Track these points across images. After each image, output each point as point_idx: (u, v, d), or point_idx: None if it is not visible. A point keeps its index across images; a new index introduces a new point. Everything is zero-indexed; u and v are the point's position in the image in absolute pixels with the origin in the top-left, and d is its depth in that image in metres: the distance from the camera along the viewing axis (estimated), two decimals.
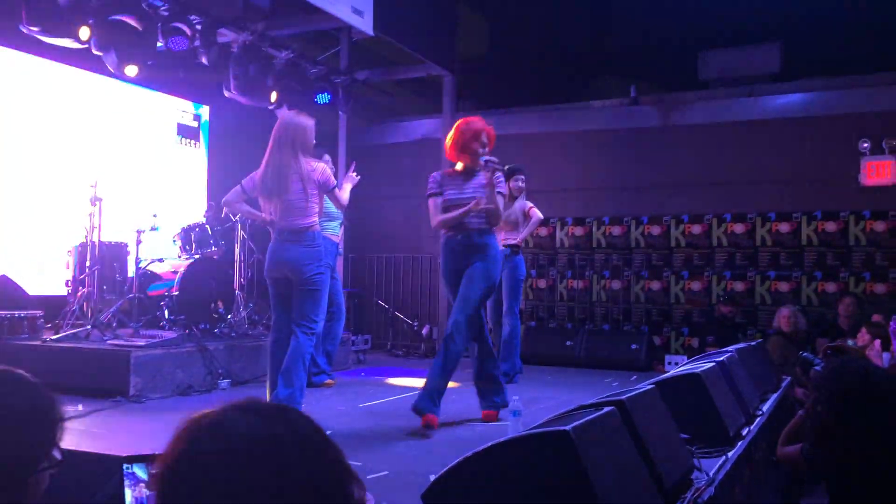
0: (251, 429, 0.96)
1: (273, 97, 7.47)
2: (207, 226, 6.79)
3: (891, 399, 2.43)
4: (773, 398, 4.58)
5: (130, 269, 6.46)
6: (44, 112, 7.11)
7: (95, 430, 4.15)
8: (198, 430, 0.97)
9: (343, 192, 4.68)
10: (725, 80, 9.06)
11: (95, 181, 6.26)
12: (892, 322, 4.51)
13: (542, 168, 9.22)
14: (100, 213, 6.16)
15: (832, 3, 9.54)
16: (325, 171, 4.46)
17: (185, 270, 6.35)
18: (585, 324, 8.93)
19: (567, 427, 1.87)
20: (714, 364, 3.62)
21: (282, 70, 7.56)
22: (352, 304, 8.97)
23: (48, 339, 5.61)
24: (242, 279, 7.03)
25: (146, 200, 7.62)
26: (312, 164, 4.40)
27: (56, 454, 1.32)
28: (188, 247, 6.72)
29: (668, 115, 8.93)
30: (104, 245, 6.28)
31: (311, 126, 4.48)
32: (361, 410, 5.01)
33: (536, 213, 6.65)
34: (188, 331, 6.10)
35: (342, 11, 7.17)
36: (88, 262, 6.10)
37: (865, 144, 7.91)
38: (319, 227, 4.52)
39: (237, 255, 7.06)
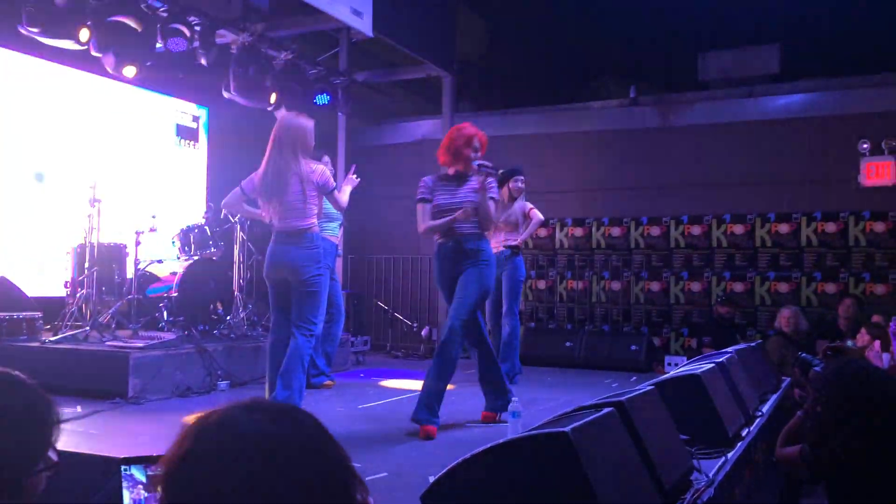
0: (257, 427, 0.96)
1: (272, 98, 7.47)
2: (206, 227, 6.78)
3: (890, 400, 2.43)
4: (773, 399, 4.58)
5: (129, 271, 6.45)
6: (43, 113, 7.10)
7: (94, 432, 4.15)
8: (204, 429, 0.97)
9: (342, 195, 4.67)
10: (725, 81, 9.06)
11: (94, 182, 6.26)
12: (892, 323, 4.51)
13: (542, 169, 9.22)
14: (99, 215, 6.16)
15: (831, 5, 9.54)
16: (325, 173, 4.45)
17: (184, 272, 6.35)
18: (585, 325, 8.93)
19: (566, 428, 1.87)
20: (714, 365, 3.62)
21: (281, 71, 7.57)
22: (351, 306, 8.96)
23: (47, 341, 5.60)
24: (241, 280, 7.02)
25: (145, 202, 7.61)
26: (312, 166, 4.39)
27: (52, 456, 1.31)
28: (187, 248, 6.72)
29: (668, 116, 8.93)
30: (103, 246, 6.27)
31: (311, 127, 4.46)
32: (360, 412, 5.01)
33: (537, 215, 6.64)
34: (187, 332, 6.09)
35: (341, 12, 7.17)
36: (87, 264, 6.09)
37: (865, 145, 7.92)
38: (318, 229, 4.51)
39: (236, 257, 7.06)
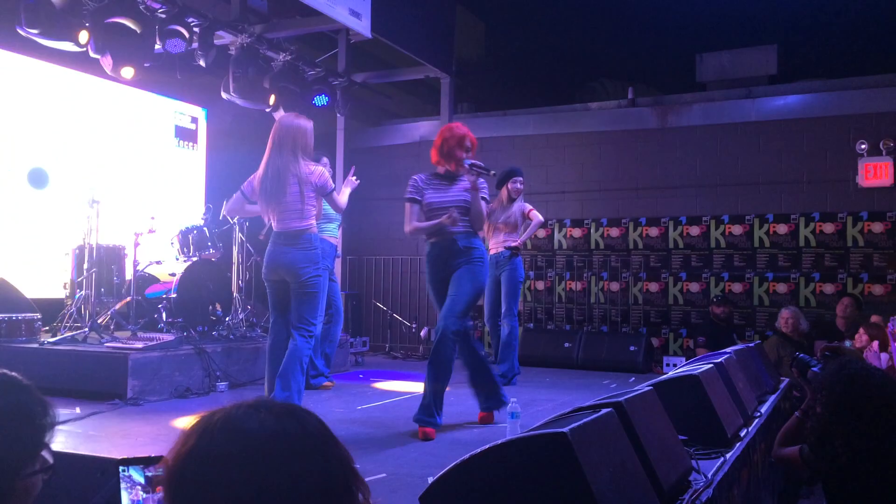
0: (261, 426, 0.97)
1: (271, 100, 7.47)
2: (205, 228, 6.78)
3: (890, 400, 2.43)
4: (772, 400, 4.58)
5: (128, 272, 6.45)
6: (42, 114, 7.09)
7: (93, 433, 4.14)
8: (209, 426, 0.98)
9: (342, 196, 4.67)
10: (723, 82, 9.08)
11: (94, 184, 6.25)
12: (891, 323, 4.51)
13: (540, 170, 9.24)
14: (98, 216, 6.15)
15: (828, 6, 9.56)
16: (323, 175, 4.45)
17: (183, 273, 6.35)
18: (583, 325, 8.93)
19: (565, 429, 1.87)
20: (712, 366, 3.62)
21: (280, 72, 7.57)
22: (350, 306, 8.96)
23: (46, 342, 5.60)
24: (240, 281, 7.02)
25: (144, 203, 7.62)
26: (311, 167, 4.39)
27: (47, 458, 1.28)
28: (186, 249, 6.71)
29: (666, 117, 8.94)
30: (102, 248, 6.27)
31: (311, 128, 4.46)
32: (359, 412, 5.01)
33: (537, 216, 6.65)
34: (186, 333, 6.10)
35: (340, 14, 7.17)
36: (86, 265, 6.09)
37: (863, 146, 7.93)
38: (317, 230, 4.51)
39: (235, 258, 7.06)
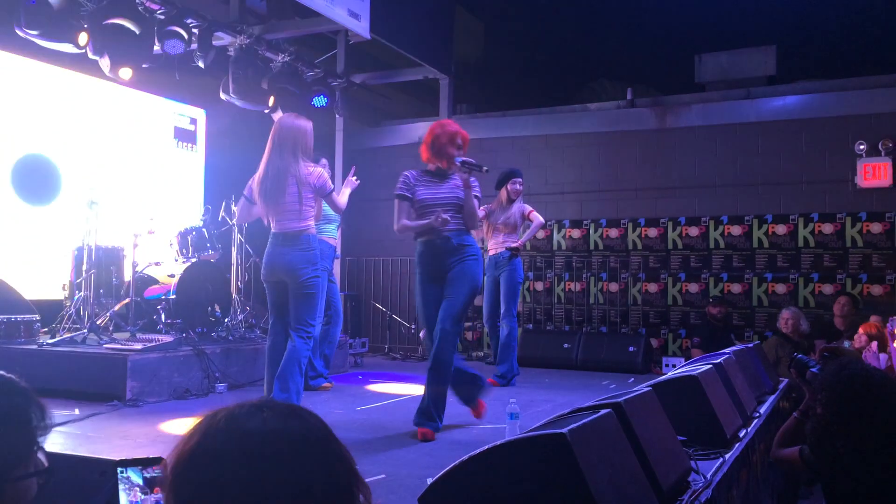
0: (264, 425, 0.98)
1: (270, 101, 7.47)
2: (204, 229, 6.78)
3: (891, 400, 2.43)
4: (771, 400, 4.58)
5: (127, 273, 6.45)
6: (41, 115, 7.09)
7: (92, 434, 4.14)
8: (212, 425, 0.98)
9: (341, 197, 4.67)
10: (722, 83, 9.09)
11: (92, 185, 6.25)
12: (890, 324, 4.51)
13: (539, 171, 9.24)
14: (97, 217, 6.15)
15: (827, 7, 9.58)
16: (322, 175, 4.44)
17: (182, 274, 6.35)
18: (583, 326, 8.93)
19: (564, 430, 1.87)
20: (711, 366, 3.62)
21: (279, 73, 7.57)
22: (349, 307, 8.96)
23: (45, 343, 5.60)
24: (239, 282, 7.02)
25: (143, 204, 7.61)
26: (309, 168, 4.39)
27: (42, 461, 1.25)
28: (185, 250, 6.71)
29: (665, 118, 8.95)
30: (101, 249, 6.27)
31: (311, 129, 4.45)
32: (359, 414, 5.01)
33: (538, 217, 6.65)
34: (185, 334, 6.09)
35: (339, 15, 7.17)
36: (85, 266, 6.09)
37: (862, 146, 7.93)
38: (315, 231, 4.51)
39: (234, 259, 7.06)
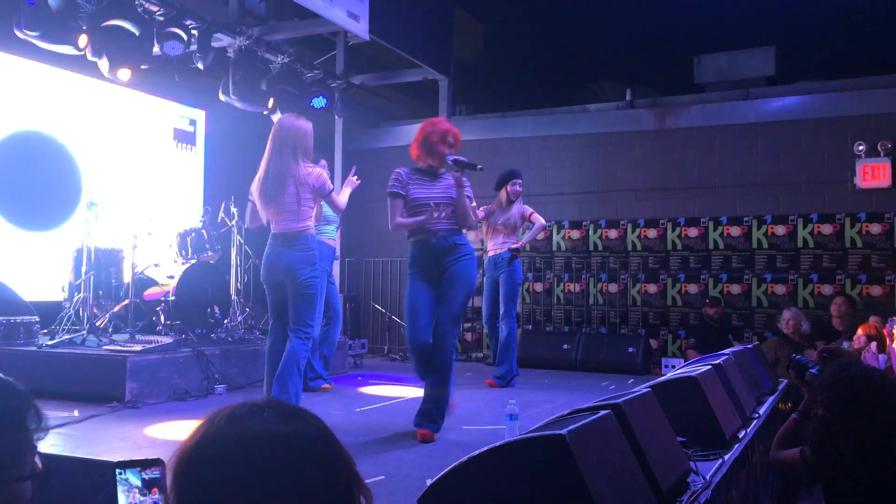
0: (264, 425, 0.98)
1: (270, 102, 7.47)
2: (204, 230, 6.78)
3: (891, 400, 2.44)
4: (770, 401, 4.58)
5: (127, 275, 6.45)
6: (40, 116, 7.09)
7: (91, 436, 4.13)
8: (213, 425, 1.00)
9: (342, 196, 4.67)
10: (721, 84, 9.09)
11: (92, 186, 6.24)
12: (889, 324, 4.52)
13: (539, 172, 9.25)
14: (96, 219, 6.15)
15: (826, 7, 9.58)
16: (321, 176, 4.44)
17: (182, 275, 6.34)
18: (582, 327, 8.93)
19: (563, 431, 1.87)
20: (710, 367, 3.62)
21: (278, 74, 7.57)
22: (348, 309, 8.96)
23: (44, 345, 5.59)
24: (239, 284, 7.02)
25: (142, 205, 7.61)
26: (308, 169, 4.39)
27: (37, 464, 1.22)
28: (184, 252, 6.71)
29: (664, 119, 8.95)
30: (100, 250, 6.27)
31: (311, 129, 4.45)
32: (358, 415, 5.00)
33: (540, 219, 6.66)
34: (184, 336, 6.09)
35: (338, 16, 7.17)
36: (84, 268, 6.09)
37: (861, 147, 7.94)
38: (314, 232, 4.51)
39: (234, 260, 7.05)
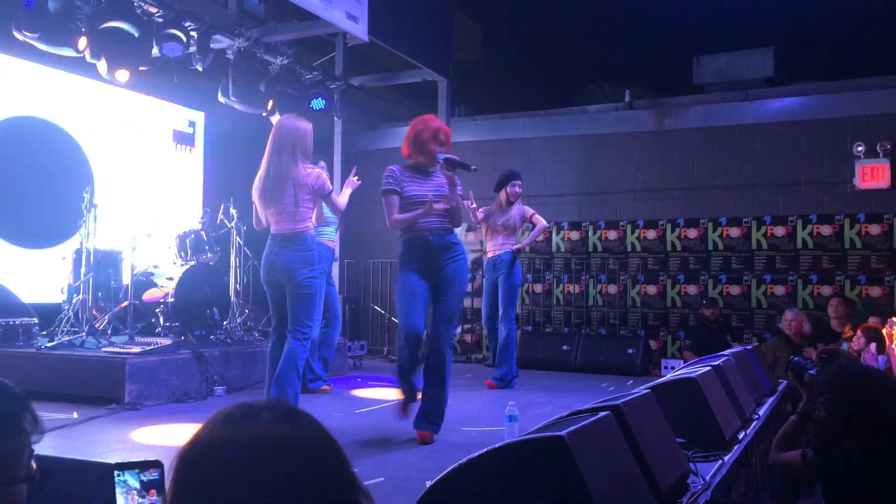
0: (262, 426, 0.99)
1: (269, 104, 7.46)
2: (203, 232, 6.77)
3: (892, 401, 2.43)
4: (770, 402, 4.58)
5: (126, 276, 6.44)
6: (39, 115, 7.08)
7: (90, 438, 4.13)
8: (212, 426, 1.01)
9: (342, 197, 4.68)
10: (720, 85, 9.10)
11: (91, 187, 6.24)
12: (888, 325, 4.52)
13: (538, 173, 9.25)
14: (95, 220, 6.15)
15: (825, 8, 9.59)
16: (321, 177, 4.44)
17: (181, 277, 6.34)
18: (581, 328, 8.93)
19: (562, 432, 1.87)
20: (710, 368, 3.62)
21: (277, 76, 7.56)
22: (348, 310, 8.95)
23: (43, 347, 5.58)
24: (238, 285, 7.01)
25: (142, 207, 7.61)
26: (308, 170, 4.39)
27: (32, 467, 1.22)
28: (184, 253, 6.71)
29: (663, 120, 8.95)
30: (99, 252, 6.26)
31: (311, 130, 4.45)
32: (357, 416, 5.00)
33: (541, 221, 6.65)
34: (184, 337, 6.09)
35: (337, 18, 7.17)
36: (84, 269, 6.08)
37: (860, 148, 7.94)
38: (313, 232, 4.51)
39: (233, 261, 7.05)
